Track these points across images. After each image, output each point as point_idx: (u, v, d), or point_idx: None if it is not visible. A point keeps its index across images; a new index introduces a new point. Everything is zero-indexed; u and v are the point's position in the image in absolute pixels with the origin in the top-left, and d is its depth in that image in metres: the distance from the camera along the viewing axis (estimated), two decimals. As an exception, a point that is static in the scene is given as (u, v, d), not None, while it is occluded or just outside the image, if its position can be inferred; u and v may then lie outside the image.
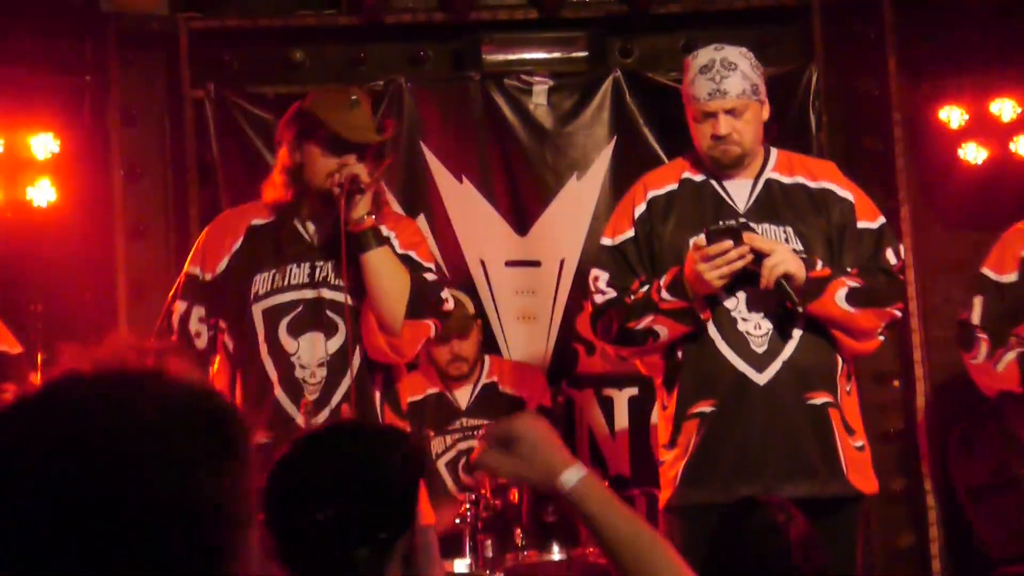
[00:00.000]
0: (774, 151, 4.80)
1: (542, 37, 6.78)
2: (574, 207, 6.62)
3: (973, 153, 6.49)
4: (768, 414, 4.50)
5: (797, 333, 4.55)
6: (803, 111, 6.55)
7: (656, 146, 6.59)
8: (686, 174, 4.76)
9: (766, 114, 4.73)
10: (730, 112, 4.60)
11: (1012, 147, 6.45)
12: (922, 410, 6.43)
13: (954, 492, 5.96)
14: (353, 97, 4.57)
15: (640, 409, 6.55)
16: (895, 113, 6.58)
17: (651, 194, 4.75)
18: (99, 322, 6.39)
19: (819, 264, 4.55)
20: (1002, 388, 5.19)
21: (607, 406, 6.60)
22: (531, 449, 2.34)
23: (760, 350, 4.53)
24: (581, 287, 6.55)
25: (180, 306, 4.67)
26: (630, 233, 4.73)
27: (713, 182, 4.71)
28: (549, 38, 6.77)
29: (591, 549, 5.28)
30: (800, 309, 4.46)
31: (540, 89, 6.64)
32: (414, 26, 6.76)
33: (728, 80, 4.60)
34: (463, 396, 6.18)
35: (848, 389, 4.66)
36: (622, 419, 6.59)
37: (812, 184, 4.73)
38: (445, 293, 4.62)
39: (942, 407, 6.47)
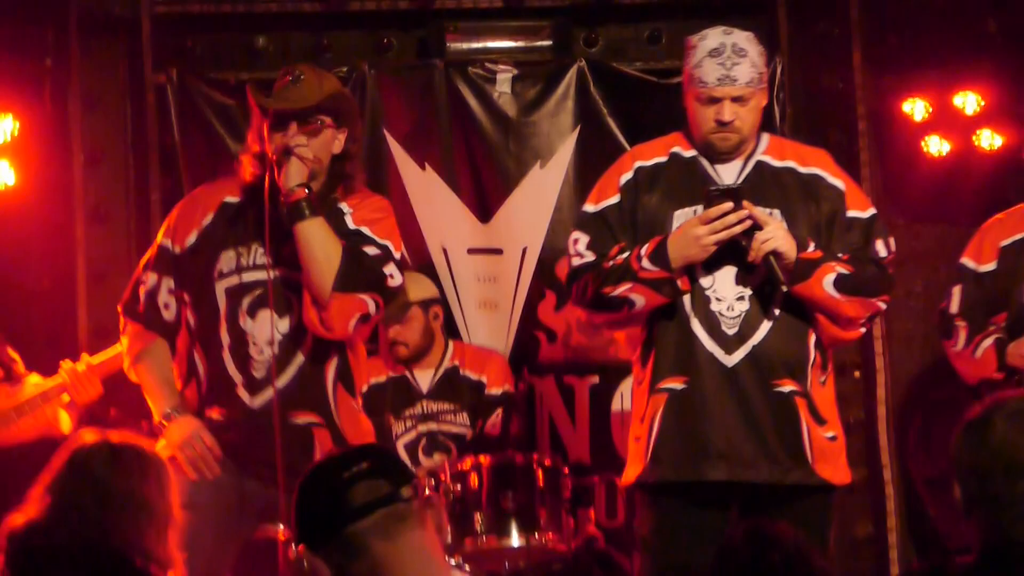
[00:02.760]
0: (766, 135, 4.76)
1: (506, 26, 6.77)
2: (537, 196, 6.61)
3: (936, 146, 6.50)
4: (733, 397, 4.48)
5: (769, 320, 4.52)
6: (768, 104, 6.54)
7: (620, 136, 6.58)
8: (676, 148, 4.71)
9: (764, 100, 4.68)
10: (736, 99, 4.55)
11: (975, 140, 6.46)
12: (882, 401, 6.44)
13: (913, 483, 5.97)
14: (297, 72, 4.59)
15: (601, 397, 6.56)
16: (859, 106, 6.59)
17: (638, 164, 4.70)
18: (58, 307, 6.35)
19: (811, 246, 4.51)
20: (981, 375, 5.22)
21: (568, 394, 6.59)
22: None
23: (730, 332, 4.50)
24: (543, 275, 6.57)
25: (151, 277, 4.68)
26: (615, 199, 4.68)
27: (703, 159, 4.66)
28: (513, 27, 6.77)
29: (550, 535, 5.27)
30: (785, 288, 4.43)
31: (504, 78, 6.63)
32: (378, 14, 6.74)
33: (738, 67, 4.53)
34: (424, 379, 6.16)
35: (822, 380, 4.61)
36: (583, 407, 6.58)
37: (802, 169, 4.69)
38: (390, 269, 4.56)
39: (902, 398, 6.49)
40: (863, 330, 4.78)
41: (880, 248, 4.64)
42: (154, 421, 4.64)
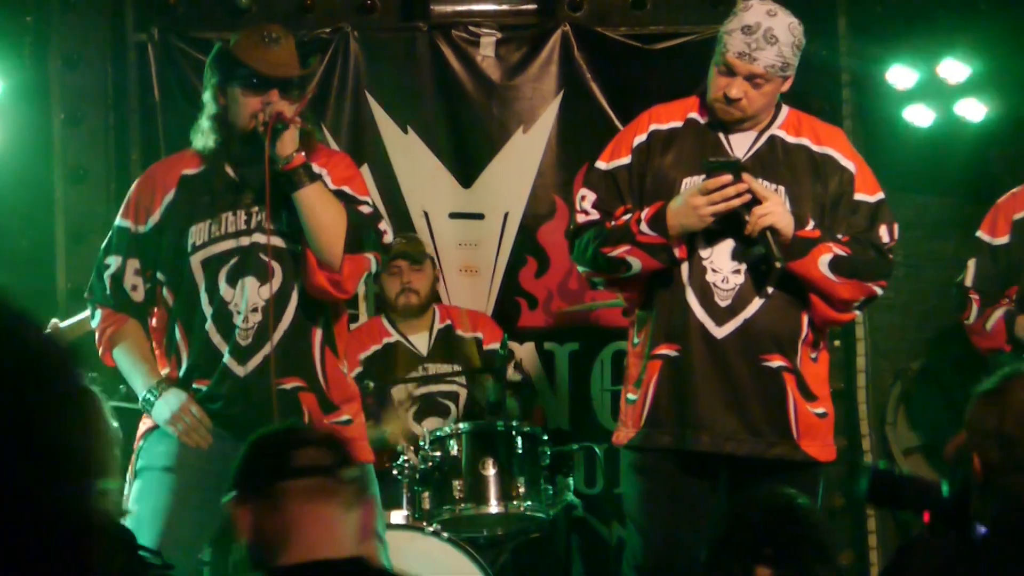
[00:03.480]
0: (785, 108, 4.70)
1: (491, -11, 6.73)
2: (519, 160, 6.60)
3: (920, 115, 6.49)
4: (720, 369, 4.48)
5: (763, 296, 4.49)
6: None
7: (603, 101, 6.57)
8: (693, 114, 4.66)
9: (787, 86, 4.60)
10: (749, 79, 4.49)
11: (958, 110, 6.44)
12: (862, 371, 6.45)
13: (891, 452, 5.99)
14: (272, 34, 4.50)
15: (580, 364, 6.57)
16: (843, 74, 6.57)
17: (653, 127, 4.66)
18: (37, 267, 6.32)
19: (810, 224, 4.48)
20: (991, 347, 5.28)
21: (548, 361, 6.60)
22: None
23: (723, 304, 4.48)
24: (525, 241, 6.55)
25: (114, 260, 4.60)
26: (626, 160, 4.65)
27: (719, 129, 4.63)
28: (498, -10, 6.73)
29: (528, 503, 5.28)
30: (779, 265, 4.41)
31: (488, 41, 6.60)
32: (362, -26, 6.70)
33: (763, 52, 4.44)
34: (421, 342, 6.14)
35: (814, 356, 4.60)
36: (562, 374, 6.59)
37: (816, 148, 4.64)
38: (384, 225, 4.56)
39: (882, 368, 6.50)
40: (857, 313, 4.77)
41: (883, 233, 4.61)
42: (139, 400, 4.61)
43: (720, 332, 4.49)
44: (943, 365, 5.48)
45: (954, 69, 6.36)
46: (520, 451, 5.33)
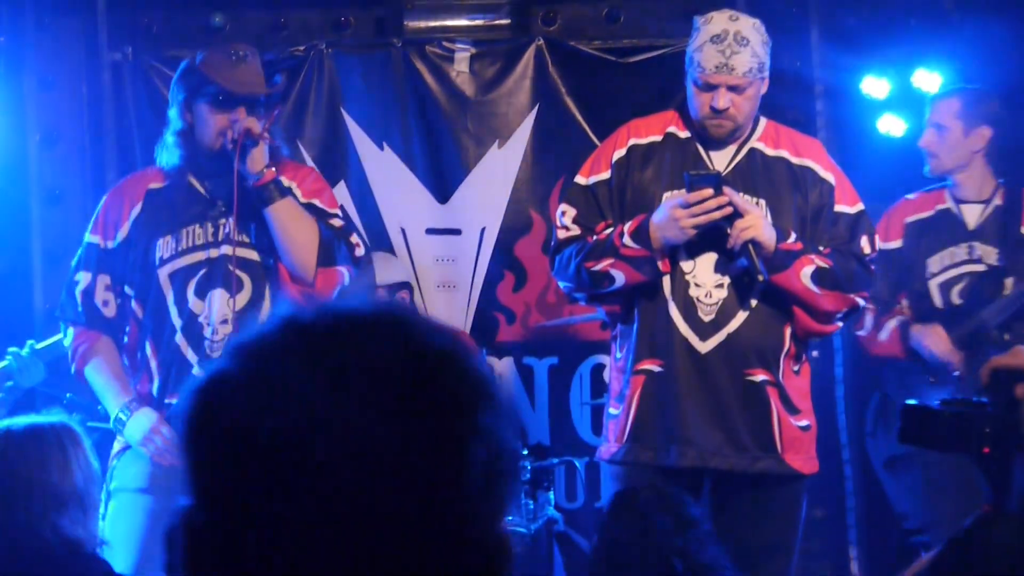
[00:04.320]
0: (763, 120, 4.73)
1: (465, 4, 6.73)
2: (495, 175, 6.60)
3: (894, 125, 6.50)
4: (704, 383, 4.49)
5: (746, 310, 4.52)
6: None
7: (578, 115, 6.58)
8: (672, 128, 4.69)
9: (764, 88, 4.65)
10: (733, 88, 4.51)
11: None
12: (840, 381, 6.45)
13: (870, 463, 5.98)
14: (240, 52, 4.52)
15: (560, 379, 6.56)
16: (817, 85, 6.58)
17: (633, 141, 4.69)
18: (13, 290, 6.30)
19: (792, 237, 4.51)
20: (886, 355, 5.32)
21: (527, 375, 6.60)
22: None
23: (707, 319, 4.50)
24: (502, 256, 6.55)
25: (84, 277, 4.62)
26: (605, 175, 4.67)
27: (697, 143, 4.65)
28: (471, 5, 6.72)
29: (509, 518, 5.28)
30: (761, 278, 4.41)
31: (462, 57, 6.61)
32: (336, -9, 6.70)
33: (738, 56, 4.48)
34: None
35: (796, 369, 4.62)
36: (542, 388, 6.59)
37: (795, 160, 4.66)
38: (355, 238, 4.60)
39: (859, 378, 6.50)
40: (840, 325, 4.77)
41: (864, 244, 4.63)
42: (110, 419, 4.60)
43: (704, 347, 4.50)
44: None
45: (928, 79, 6.38)
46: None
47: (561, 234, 4.66)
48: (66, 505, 3.34)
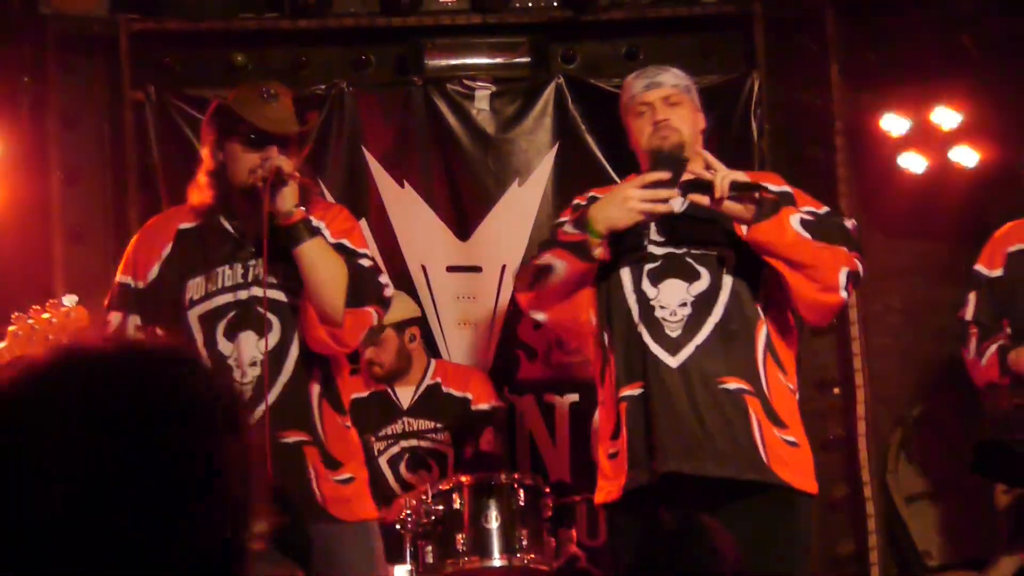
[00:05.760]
0: None
1: (485, 42, 6.76)
2: (516, 213, 6.61)
3: (913, 162, 6.52)
4: (679, 396, 4.48)
5: (712, 321, 4.52)
6: (745, 119, 6.57)
7: (598, 152, 6.59)
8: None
9: (701, 123, 4.73)
10: (666, 100, 4.64)
11: (952, 156, 6.48)
12: (862, 418, 6.44)
13: (893, 499, 5.99)
14: (271, 91, 4.51)
15: (581, 416, 6.54)
16: (837, 122, 6.60)
17: (592, 195, 4.76)
18: (37, 326, 6.31)
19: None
20: (987, 379, 5.35)
21: (548, 412, 6.59)
22: None
23: (674, 334, 4.51)
24: (523, 293, 6.55)
25: (115, 317, 4.59)
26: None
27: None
28: (492, 43, 6.76)
29: (532, 555, 5.27)
30: (753, 222, 4.38)
31: (482, 94, 6.63)
32: (356, 30, 6.72)
33: (662, 75, 4.69)
34: (405, 396, 6.17)
35: (781, 380, 4.58)
36: (563, 426, 6.58)
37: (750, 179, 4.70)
38: (384, 278, 4.57)
39: (881, 415, 6.50)
40: (844, 295, 4.56)
41: (846, 220, 4.65)
42: None
43: (675, 361, 4.51)
44: (943, 412, 5.49)
45: (946, 116, 6.41)
46: (522, 503, 5.32)
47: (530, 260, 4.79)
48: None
